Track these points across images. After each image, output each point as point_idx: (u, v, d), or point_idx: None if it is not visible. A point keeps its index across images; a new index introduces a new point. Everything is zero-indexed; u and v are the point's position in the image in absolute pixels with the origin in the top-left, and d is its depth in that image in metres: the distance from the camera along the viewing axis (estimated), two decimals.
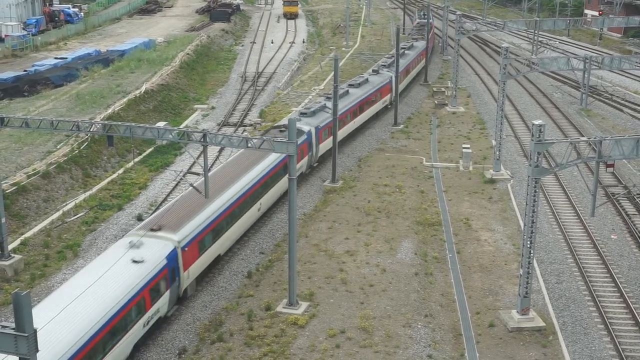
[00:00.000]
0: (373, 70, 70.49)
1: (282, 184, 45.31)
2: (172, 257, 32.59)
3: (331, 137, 52.57)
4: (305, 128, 50.96)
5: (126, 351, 29.34)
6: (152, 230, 33.53)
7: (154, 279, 30.89)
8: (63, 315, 26.15)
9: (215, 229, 36.94)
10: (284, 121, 53.03)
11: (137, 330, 29.91)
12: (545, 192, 50.41)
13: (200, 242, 35.32)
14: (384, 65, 73.30)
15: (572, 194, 50.53)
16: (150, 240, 32.62)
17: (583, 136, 61.69)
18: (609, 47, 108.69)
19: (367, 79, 66.21)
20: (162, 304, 32.00)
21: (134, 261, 30.83)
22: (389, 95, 70.24)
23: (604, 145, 32.28)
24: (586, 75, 72.84)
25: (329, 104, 54.92)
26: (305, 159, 50.80)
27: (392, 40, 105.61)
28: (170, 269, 32.38)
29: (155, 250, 32.05)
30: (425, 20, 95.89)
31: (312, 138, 51.72)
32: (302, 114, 54.10)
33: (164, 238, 33.11)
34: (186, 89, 79.29)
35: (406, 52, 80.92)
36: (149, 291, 30.52)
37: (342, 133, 57.44)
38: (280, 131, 48.57)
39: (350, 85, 63.65)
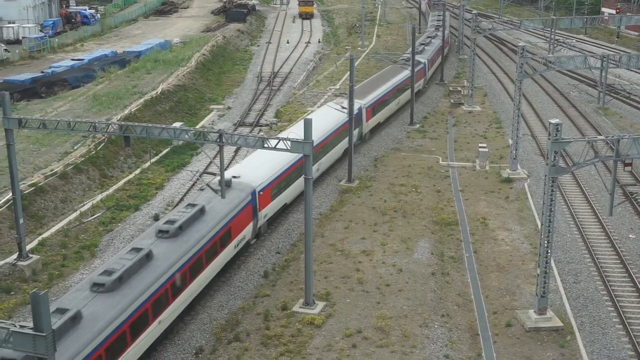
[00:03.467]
0: (421, 44, 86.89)
1: (405, 96, 71.25)
2: (360, 110, 57.79)
3: (435, 64, 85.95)
4: (422, 60, 77.43)
5: (338, 155, 54.20)
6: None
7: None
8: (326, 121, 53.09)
9: (382, 102, 63.66)
10: (406, 55, 79.04)
11: (344, 144, 53.79)
12: (563, 191, 50.13)
13: (374, 109, 61.75)
14: (434, 34, 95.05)
15: (590, 193, 50.22)
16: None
17: (601, 135, 61.27)
18: (627, 45, 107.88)
19: (431, 40, 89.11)
20: (356, 136, 56.69)
21: (342, 107, 55.56)
22: (447, 48, 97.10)
23: (621, 144, 32.06)
24: (603, 74, 72.33)
25: (429, 47, 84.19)
26: (422, 80, 77.03)
27: (408, 40, 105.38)
28: (359, 117, 57.62)
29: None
30: None
31: (426, 67, 78.21)
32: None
33: (357, 101, 55.53)
34: (202, 89, 79.52)
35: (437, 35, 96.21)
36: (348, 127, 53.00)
37: (433, 69, 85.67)
38: (405, 62, 74.59)
39: (422, 44, 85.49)
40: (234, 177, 40.54)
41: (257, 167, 42.75)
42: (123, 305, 27.92)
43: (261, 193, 41.05)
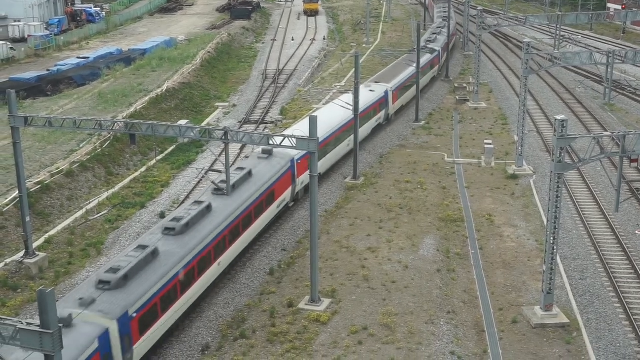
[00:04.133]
0: (432, 33, 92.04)
1: (426, 79, 77.23)
2: (386, 93, 63.46)
3: (447, 52, 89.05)
4: (436, 48, 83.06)
5: (367, 132, 59.82)
6: (376, 82, 65.00)
7: (379, 100, 61.38)
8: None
9: (407, 84, 68.81)
10: (422, 44, 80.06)
11: (373, 122, 61.13)
12: (569, 187, 50.04)
13: (400, 90, 67.33)
14: (444, 24, 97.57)
15: (596, 189, 50.13)
16: (377, 85, 63.91)
17: (606, 131, 61.13)
18: (633, 40, 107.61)
19: (442, 30, 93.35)
20: (381, 115, 62.80)
21: (370, 90, 61.49)
22: (454, 38, 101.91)
23: (627, 140, 31.97)
24: (609, 70, 72.13)
25: (440, 36, 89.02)
26: (436, 67, 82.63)
27: (413, 36, 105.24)
28: (386, 99, 63.26)
29: (380, 88, 63.15)
30: None
31: (440, 54, 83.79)
32: (428, 40, 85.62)
33: (383, 84, 64.21)
34: (207, 87, 79.56)
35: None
36: (378, 105, 61.40)
37: (445, 56, 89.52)
38: (424, 48, 78.88)
39: (434, 34, 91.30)
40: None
41: None
42: (192, 245, 32.94)
43: (299, 161, 45.42)
